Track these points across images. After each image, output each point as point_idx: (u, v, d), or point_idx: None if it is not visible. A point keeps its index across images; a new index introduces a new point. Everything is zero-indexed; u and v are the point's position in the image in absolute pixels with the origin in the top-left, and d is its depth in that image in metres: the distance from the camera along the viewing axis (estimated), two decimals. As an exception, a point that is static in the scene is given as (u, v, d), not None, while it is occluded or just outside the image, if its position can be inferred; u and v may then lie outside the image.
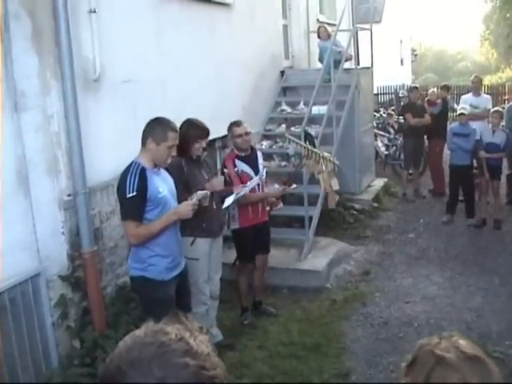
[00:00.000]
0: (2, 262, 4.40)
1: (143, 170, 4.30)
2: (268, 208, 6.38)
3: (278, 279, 7.14)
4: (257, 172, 6.05)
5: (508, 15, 31.49)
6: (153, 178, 4.35)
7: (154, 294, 4.44)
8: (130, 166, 4.35)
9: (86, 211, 5.27)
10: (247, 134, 6.04)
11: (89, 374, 4.85)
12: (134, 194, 4.21)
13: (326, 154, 6.84)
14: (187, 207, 4.45)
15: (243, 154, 6.01)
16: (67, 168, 5.14)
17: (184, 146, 5.13)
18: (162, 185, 4.43)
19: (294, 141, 7.05)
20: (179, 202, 4.60)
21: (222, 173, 5.99)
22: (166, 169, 4.69)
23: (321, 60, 10.35)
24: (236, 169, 5.95)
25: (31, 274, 4.77)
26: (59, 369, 4.93)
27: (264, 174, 6.03)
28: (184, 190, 4.85)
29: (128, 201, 4.26)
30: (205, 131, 5.26)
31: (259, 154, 6.30)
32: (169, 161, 4.46)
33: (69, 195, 5.17)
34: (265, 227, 6.32)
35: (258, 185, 6.08)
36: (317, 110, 9.08)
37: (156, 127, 4.36)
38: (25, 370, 4.69)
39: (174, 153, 4.50)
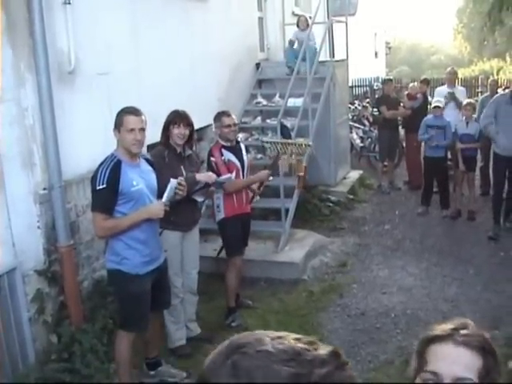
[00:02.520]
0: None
1: (118, 163, 4.28)
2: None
3: (255, 271, 7.14)
4: (242, 163, 6.06)
5: (481, 9, 31.74)
6: (128, 171, 4.31)
7: (127, 288, 4.44)
8: (106, 157, 4.34)
9: (62, 205, 5.22)
10: (235, 124, 6.05)
11: (66, 370, 4.84)
12: (104, 186, 4.20)
13: (300, 140, 6.91)
14: (159, 207, 4.42)
15: (229, 145, 6.01)
16: (42, 161, 5.09)
17: (165, 132, 5.25)
18: (138, 179, 4.39)
19: (268, 142, 7.11)
20: (159, 194, 4.58)
21: (208, 162, 6.00)
22: (150, 162, 4.67)
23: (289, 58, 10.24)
24: (223, 157, 5.94)
25: (7, 269, 4.72)
26: (36, 364, 4.90)
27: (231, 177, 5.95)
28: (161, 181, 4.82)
29: (97, 193, 4.26)
30: (180, 116, 5.25)
31: (243, 147, 6.31)
32: (137, 146, 4.36)
33: (44, 189, 5.12)
34: (248, 219, 6.33)
35: (243, 175, 6.09)
36: (292, 102, 9.08)
37: (116, 118, 4.39)
38: (1, 365, 4.64)
39: (140, 137, 4.34)
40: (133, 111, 4.37)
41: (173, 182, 4.66)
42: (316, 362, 0.88)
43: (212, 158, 5.95)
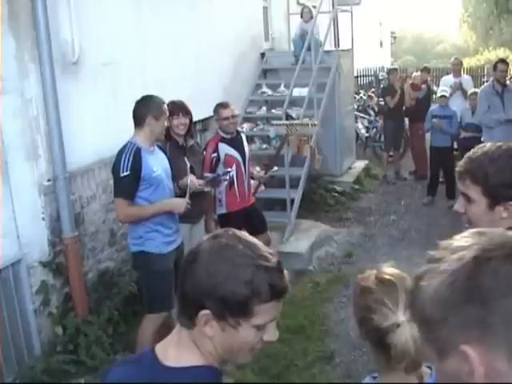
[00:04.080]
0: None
1: (138, 150, 4.38)
2: (257, 184, 6.38)
3: (261, 262, 7.11)
4: (243, 155, 6.00)
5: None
6: (147, 157, 4.43)
7: (152, 267, 4.54)
8: (125, 146, 4.42)
9: (67, 196, 5.22)
10: (234, 116, 5.97)
11: (72, 361, 4.86)
12: (128, 173, 4.30)
13: (305, 120, 6.92)
14: (181, 202, 4.57)
15: (229, 137, 5.95)
16: (47, 152, 5.07)
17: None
18: (157, 164, 4.52)
19: (275, 124, 7.10)
20: None
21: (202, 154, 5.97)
22: (162, 150, 4.78)
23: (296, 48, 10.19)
24: (214, 154, 5.88)
25: (12, 261, 4.71)
26: (42, 356, 4.91)
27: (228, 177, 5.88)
28: None
29: (121, 180, 4.35)
30: (178, 106, 5.22)
31: (244, 137, 6.25)
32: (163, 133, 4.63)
33: (49, 180, 5.11)
34: (254, 209, 6.31)
35: (245, 167, 6.05)
36: (298, 92, 9.04)
37: (151, 104, 4.50)
38: (7, 357, 4.64)
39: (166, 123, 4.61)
40: (164, 100, 4.61)
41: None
42: (265, 255, 1.50)
43: (204, 152, 5.92)
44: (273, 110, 9.67)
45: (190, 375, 1.52)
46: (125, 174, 4.30)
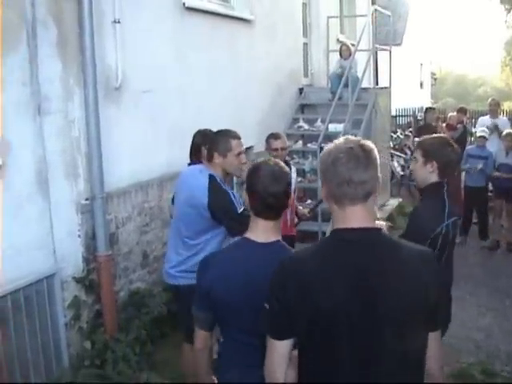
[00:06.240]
0: (20, 260, 4.51)
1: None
2: (296, 220, 6.41)
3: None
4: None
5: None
6: None
7: None
8: (214, 180, 4.19)
9: (103, 215, 5.36)
10: (284, 148, 5.92)
11: (98, 375, 4.93)
12: (243, 208, 4.00)
13: None
14: None
15: None
16: (86, 172, 5.24)
17: (195, 154, 5.01)
18: None
19: None
20: None
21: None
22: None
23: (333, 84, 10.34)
24: None
25: (47, 274, 4.86)
26: (69, 368, 5.02)
27: None
28: None
29: (241, 216, 3.97)
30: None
31: (293, 169, 6.22)
32: (243, 169, 4.26)
33: (86, 199, 5.27)
34: (290, 242, 6.30)
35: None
36: (333, 127, 9.16)
37: (218, 141, 4.28)
38: (36, 367, 4.76)
39: (245, 160, 4.34)
40: (236, 135, 4.30)
41: None
42: None
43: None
44: (308, 145, 9.80)
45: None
46: (241, 209, 4.03)
